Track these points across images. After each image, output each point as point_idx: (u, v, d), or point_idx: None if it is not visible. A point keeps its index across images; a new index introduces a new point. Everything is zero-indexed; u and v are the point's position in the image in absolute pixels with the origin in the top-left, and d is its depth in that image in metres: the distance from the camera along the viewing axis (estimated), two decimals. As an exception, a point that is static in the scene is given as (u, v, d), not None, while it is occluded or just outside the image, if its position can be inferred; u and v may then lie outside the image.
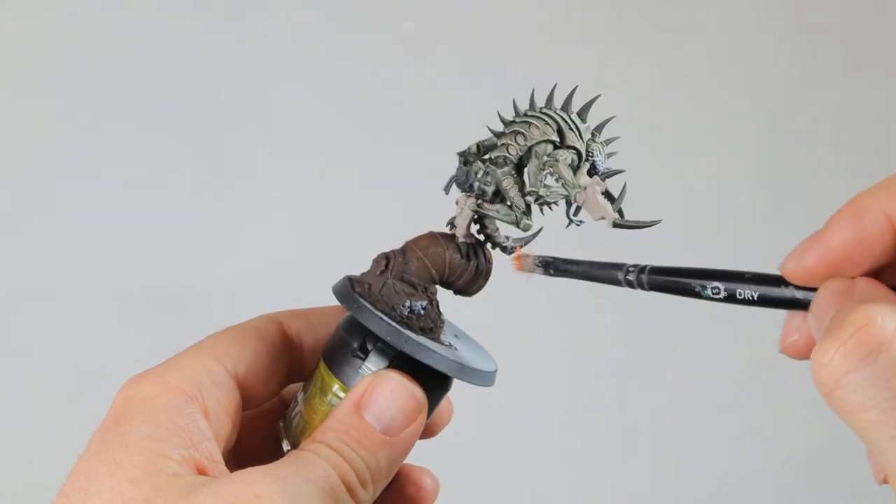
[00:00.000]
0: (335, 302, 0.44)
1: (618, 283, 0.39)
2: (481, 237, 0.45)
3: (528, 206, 0.43)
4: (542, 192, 0.42)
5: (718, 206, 1.19)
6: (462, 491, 1.06)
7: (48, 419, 0.95)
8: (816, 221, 0.35)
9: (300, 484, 0.37)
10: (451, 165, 0.45)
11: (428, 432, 0.45)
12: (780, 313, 0.35)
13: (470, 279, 0.44)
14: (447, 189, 0.44)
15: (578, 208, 0.43)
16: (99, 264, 0.96)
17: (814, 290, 0.33)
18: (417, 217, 0.48)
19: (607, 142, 0.43)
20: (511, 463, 1.11)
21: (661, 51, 1.18)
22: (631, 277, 0.38)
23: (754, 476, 1.23)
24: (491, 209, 0.43)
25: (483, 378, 0.42)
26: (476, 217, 0.44)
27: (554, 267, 0.41)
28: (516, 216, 0.43)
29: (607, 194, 0.43)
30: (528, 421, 1.11)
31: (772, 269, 0.38)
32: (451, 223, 0.44)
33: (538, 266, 0.42)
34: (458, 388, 0.44)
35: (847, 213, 0.33)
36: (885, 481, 0.34)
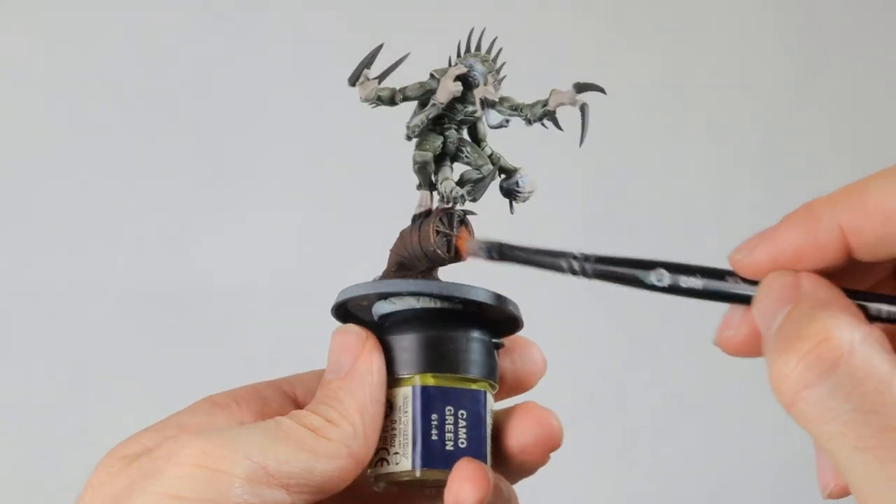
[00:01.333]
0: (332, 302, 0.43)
1: (562, 270, 0.38)
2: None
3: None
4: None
5: (718, 206, 1.19)
6: (462, 491, 1.06)
7: (48, 419, 0.95)
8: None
9: (237, 429, 0.38)
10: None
11: (521, 385, 0.44)
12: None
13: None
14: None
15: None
16: (99, 264, 0.96)
17: (757, 284, 0.34)
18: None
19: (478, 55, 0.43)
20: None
21: (661, 50, 1.18)
22: (575, 266, 0.38)
23: (754, 476, 1.23)
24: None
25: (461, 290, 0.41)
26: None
27: (498, 252, 0.40)
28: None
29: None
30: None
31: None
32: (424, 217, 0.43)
33: (482, 250, 0.41)
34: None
35: (802, 216, 0.33)
36: (831, 496, 0.34)
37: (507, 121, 0.42)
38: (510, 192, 0.44)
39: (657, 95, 1.17)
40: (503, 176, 0.44)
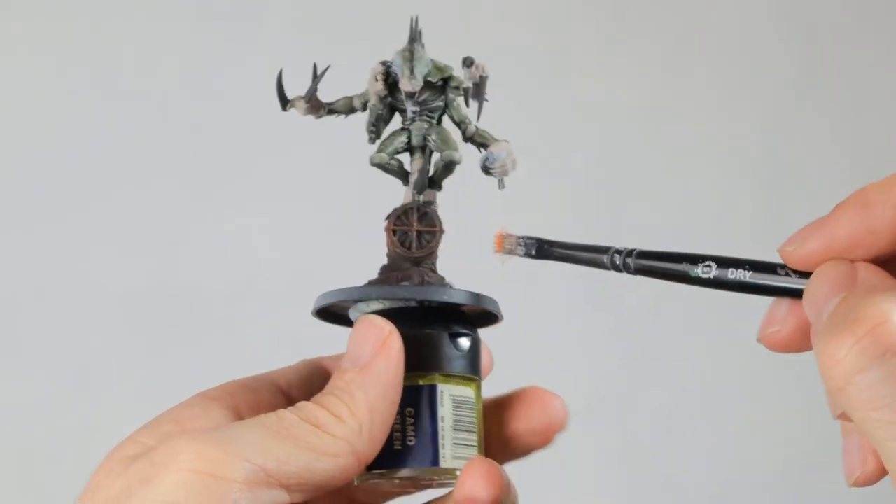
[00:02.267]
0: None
1: (603, 266, 0.38)
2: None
3: None
4: None
5: (718, 206, 1.19)
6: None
7: (48, 419, 0.94)
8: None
9: (235, 429, 0.37)
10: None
11: (535, 443, 0.45)
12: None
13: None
14: None
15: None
16: (99, 264, 0.96)
17: (808, 277, 0.33)
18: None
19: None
20: (510, 465, 1.10)
21: (661, 50, 1.18)
22: (617, 261, 0.37)
23: (754, 476, 1.23)
24: None
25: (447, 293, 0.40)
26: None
27: (537, 249, 0.40)
28: None
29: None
30: (528, 421, 1.10)
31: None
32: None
33: (521, 247, 0.40)
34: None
35: (855, 202, 0.32)
36: (856, 483, 0.34)
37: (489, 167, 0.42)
38: (485, 170, 0.43)
39: (657, 95, 1.17)
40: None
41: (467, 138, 0.43)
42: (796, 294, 0.33)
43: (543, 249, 0.40)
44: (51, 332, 0.95)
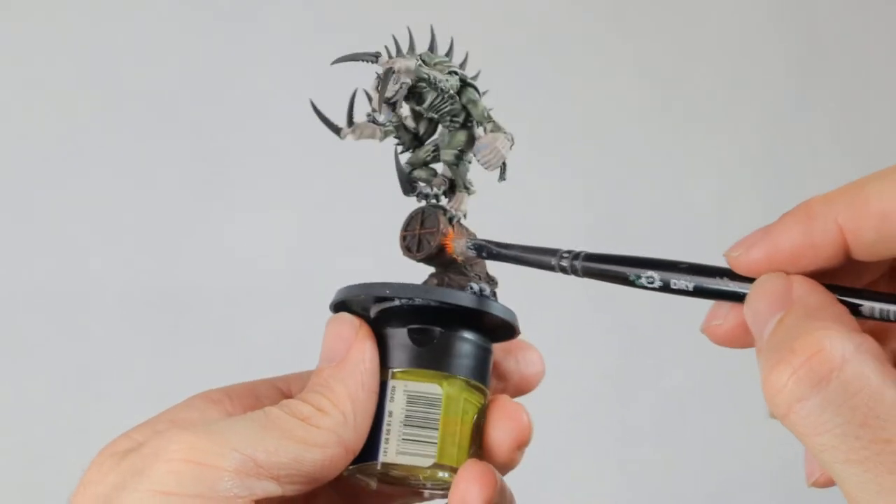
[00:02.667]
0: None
1: (551, 268, 0.38)
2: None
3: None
4: None
5: (718, 206, 1.19)
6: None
7: (48, 419, 0.95)
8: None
9: (224, 421, 0.37)
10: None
11: (525, 386, 0.44)
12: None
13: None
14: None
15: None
16: (99, 264, 0.96)
17: (749, 282, 0.34)
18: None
19: None
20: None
21: (661, 51, 1.18)
22: (564, 263, 0.37)
23: (754, 476, 1.23)
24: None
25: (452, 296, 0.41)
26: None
27: (486, 251, 0.40)
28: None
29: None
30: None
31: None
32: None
33: (470, 249, 0.41)
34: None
35: (799, 214, 0.33)
36: (815, 485, 0.35)
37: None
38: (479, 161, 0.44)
39: (657, 96, 1.17)
40: None
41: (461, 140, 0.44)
42: (739, 298, 0.34)
43: (492, 252, 0.41)
44: (51, 332, 0.95)
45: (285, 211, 1.02)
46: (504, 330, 0.43)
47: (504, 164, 0.43)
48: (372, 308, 0.42)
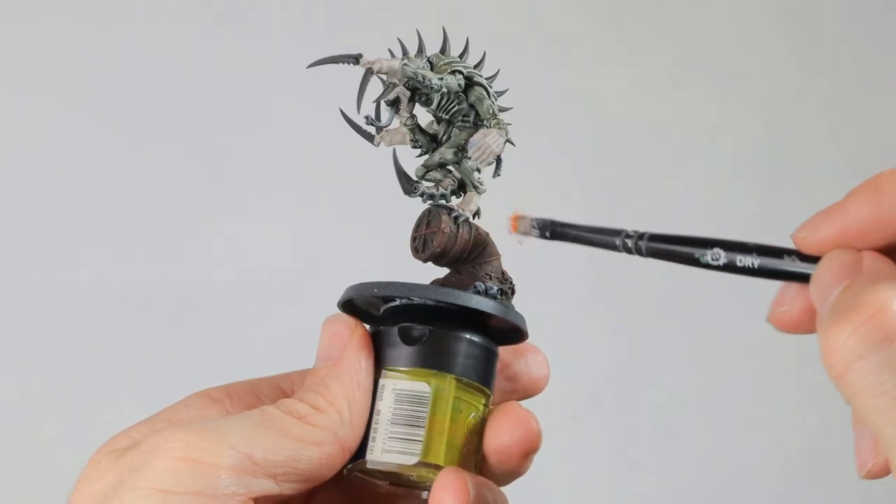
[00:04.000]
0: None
1: (615, 248, 0.38)
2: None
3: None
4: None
5: (718, 206, 1.19)
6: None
7: (48, 419, 0.95)
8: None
9: (222, 420, 0.38)
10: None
11: (533, 388, 0.44)
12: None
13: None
14: None
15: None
16: (99, 264, 0.96)
17: (816, 261, 0.33)
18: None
19: None
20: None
21: (661, 51, 1.18)
22: (629, 243, 0.37)
23: (754, 476, 1.23)
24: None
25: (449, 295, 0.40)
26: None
27: (551, 230, 0.40)
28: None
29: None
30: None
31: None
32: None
33: (535, 228, 0.41)
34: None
35: (867, 189, 0.32)
36: (868, 475, 0.34)
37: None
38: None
39: (657, 96, 1.17)
40: None
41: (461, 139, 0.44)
42: (804, 279, 0.33)
43: (556, 231, 0.40)
44: (51, 332, 0.95)
45: (285, 211, 1.02)
46: (509, 332, 0.42)
47: (499, 159, 0.43)
48: (381, 308, 0.42)
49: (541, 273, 1.14)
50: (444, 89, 0.42)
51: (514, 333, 0.43)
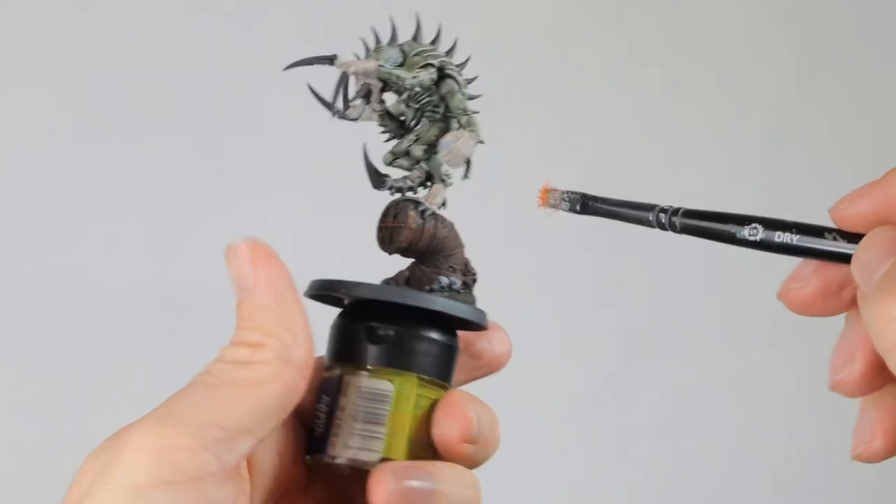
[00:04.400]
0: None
1: (648, 223, 0.37)
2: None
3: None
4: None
5: (718, 206, 1.19)
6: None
7: (48, 419, 0.95)
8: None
9: (178, 397, 0.37)
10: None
11: (495, 364, 0.44)
12: (785, 312, 0.35)
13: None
14: None
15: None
16: (99, 264, 0.96)
17: (857, 240, 0.32)
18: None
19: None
20: (510, 462, 1.10)
21: (661, 51, 1.18)
22: (663, 219, 0.37)
23: (754, 475, 1.23)
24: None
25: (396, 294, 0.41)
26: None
27: (581, 203, 0.40)
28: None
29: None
30: (526, 419, 1.11)
31: (772, 270, 0.38)
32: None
33: (565, 202, 0.41)
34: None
35: None
36: (859, 458, 0.33)
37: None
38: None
39: (657, 96, 1.17)
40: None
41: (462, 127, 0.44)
42: (843, 258, 0.33)
43: (588, 205, 0.40)
44: (51, 332, 0.95)
45: (285, 211, 1.02)
46: (470, 324, 0.43)
47: (469, 161, 0.43)
48: (346, 300, 0.43)
49: (541, 273, 1.14)
50: (417, 88, 0.42)
51: (475, 325, 0.43)
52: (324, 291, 0.42)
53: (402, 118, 0.44)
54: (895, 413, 0.31)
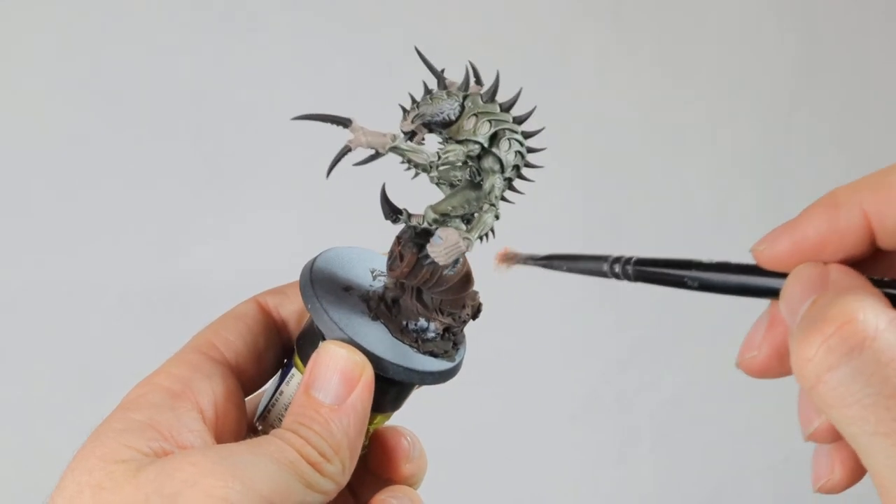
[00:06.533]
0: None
1: (603, 274, 0.38)
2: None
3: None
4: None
5: (718, 206, 1.19)
6: (461, 490, 1.06)
7: (48, 419, 0.95)
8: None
9: (248, 456, 0.38)
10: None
11: (388, 471, 0.46)
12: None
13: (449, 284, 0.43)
14: None
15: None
16: (99, 264, 0.96)
17: (784, 277, 0.33)
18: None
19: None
20: (510, 462, 1.10)
21: (661, 51, 1.18)
22: (617, 269, 0.38)
23: (754, 476, 1.23)
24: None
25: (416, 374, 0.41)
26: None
27: (542, 265, 0.41)
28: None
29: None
30: (527, 420, 1.11)
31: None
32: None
33: (527, 265, 0.41)
34: (458, 388, 0.44)
35: (823, 204, 0.33)
36: (821, 490, 0.34)
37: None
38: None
39: (657, 96, 1.17)
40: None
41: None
42: (775, 293, 0.34)
43: (547, 266, 0.41)
44: (51, 332, 0.95)
45: (286, 211, 1.02)
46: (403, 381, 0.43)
47: (457, 261, 0.43)
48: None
49: (541, 273, 1.14)
50: (429, 168, 0.41)
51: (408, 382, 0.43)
52: (305, 299, 0.43)
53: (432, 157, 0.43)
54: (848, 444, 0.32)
